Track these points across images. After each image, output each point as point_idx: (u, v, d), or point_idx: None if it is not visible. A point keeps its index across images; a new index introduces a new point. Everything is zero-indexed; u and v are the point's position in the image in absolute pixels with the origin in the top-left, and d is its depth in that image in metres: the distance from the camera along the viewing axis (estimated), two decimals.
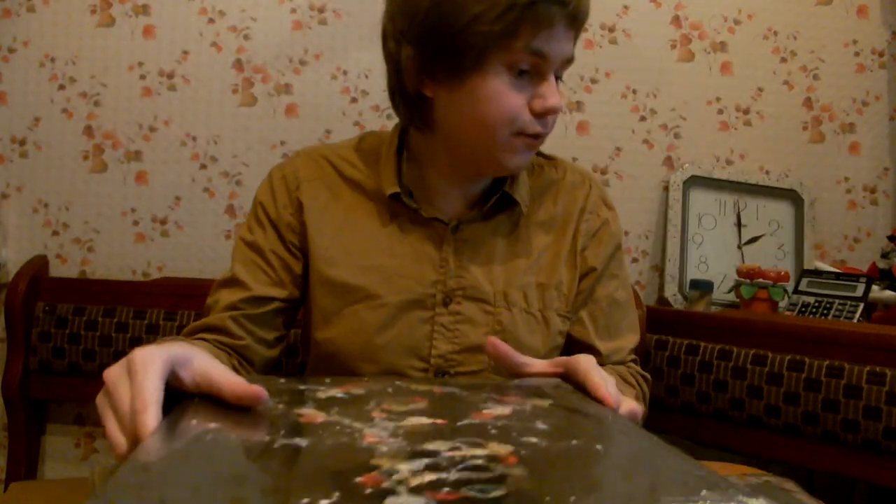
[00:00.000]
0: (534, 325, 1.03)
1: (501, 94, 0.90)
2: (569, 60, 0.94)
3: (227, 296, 1.03)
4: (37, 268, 1.72)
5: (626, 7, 1.90)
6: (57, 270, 1.80)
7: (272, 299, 1.03)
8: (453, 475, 0.44)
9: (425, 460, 0.47)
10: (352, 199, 1.04)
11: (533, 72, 0.91)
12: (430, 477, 0.44)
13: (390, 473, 0.44)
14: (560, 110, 0.93)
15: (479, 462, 0.47)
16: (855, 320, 1.54)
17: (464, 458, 0.48)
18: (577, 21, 0.91)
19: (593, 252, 1.07)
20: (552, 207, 1.07)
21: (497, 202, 1.02)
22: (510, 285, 1.02)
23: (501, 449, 0.50)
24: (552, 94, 0.91)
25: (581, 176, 1.11)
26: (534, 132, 0.93)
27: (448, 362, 1.00)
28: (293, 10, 1.84)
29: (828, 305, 1.59)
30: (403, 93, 0.97)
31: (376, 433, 0.53)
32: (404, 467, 0.45)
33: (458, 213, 1.03)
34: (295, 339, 1.70)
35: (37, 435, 1.77)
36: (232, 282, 1.04)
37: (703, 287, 1.76)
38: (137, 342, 1.66)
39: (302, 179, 1.06)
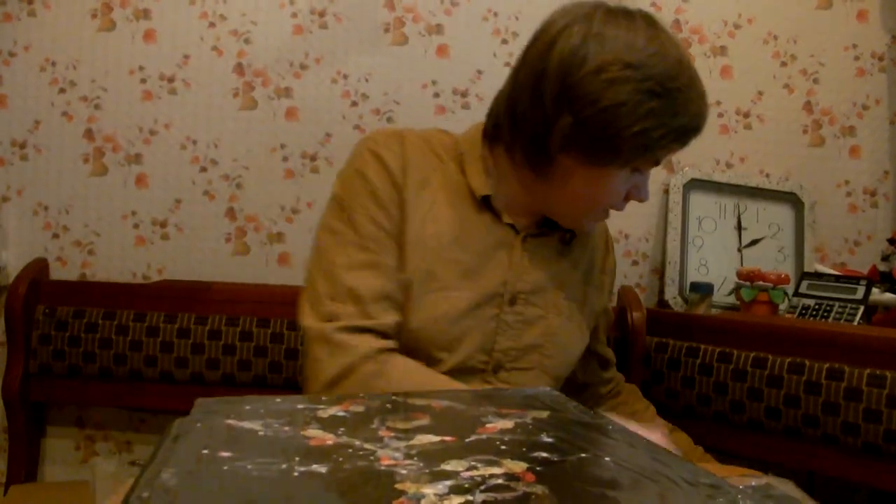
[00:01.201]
0: (575, 334, 1.15)
1: (617, 186, 1.03)
2: None
3: (372, 280, 1.00)
4: (37, 271, 1.73)
5: None
6: (57, 273, 1.80)
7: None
8: (479, 497, 0.45)
9: (448, 482, 0.48)
10: (439, 189, 1.07)
11: (642, 170, 1.05)
12: (457, 500, 0.45)
13: (418, 498, 0.45)
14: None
15: (500, 481, 0.48)
16: (855, 323, 1.54)
17: (483, 478, 0.48)
18: None
19: (610, 280, 1.26)
20: (587, 237, 1.20)
21: (552, 222, 1.12)
22: (559, 296, 1.12)
23: (516, 466, 0.51)
24: (646, 190, 1.07)
25: None
26: (615, 209, 1.08)
27: (507, 357, 1.07)
28: (294, 15, 1.84)
29: (828, 308, 1.59)
30: (535, 142, 1.02)
31: (390, 454, 0.53)
32: (429, 491, 0.46)
33: (524, 223, 1.11)
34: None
35: (37, 437, 1.77)
36: (373, 265, 1.01)
37: (703, 290, 1.76)
38: (138, 345, 1.66)
39: (409, 158, 1.06)
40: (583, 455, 0.55)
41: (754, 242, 1.93)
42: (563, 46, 0.98)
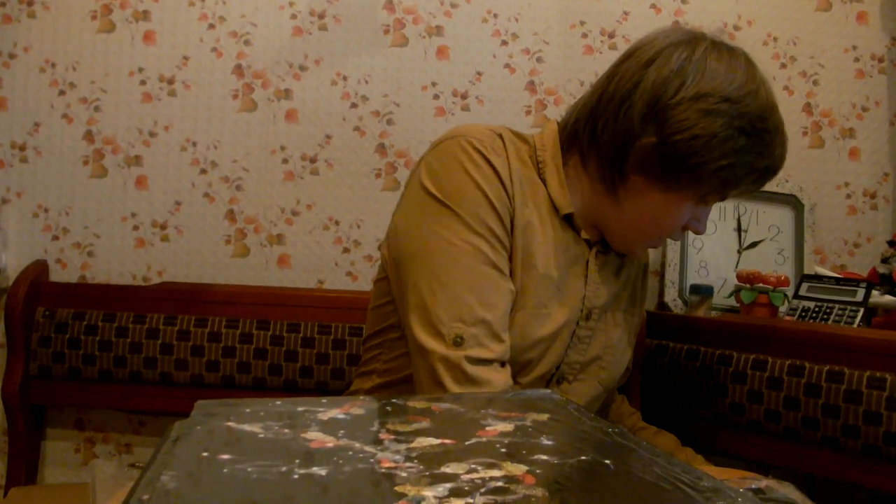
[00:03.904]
0: (627, 347, 1.17)
1: (683, 215, 1.03)
2: None
3: (497, 301, 0.95)
4: (37, 272, 1.72)
5: (626, 13, 1.90)
6: (57, 275, 1.80)
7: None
8: (479, 500, 0.45)
9: (448, 485, 0.48)
10: (530, 200, 1.04)
11: (707, 203, 1.04)
12: (457, 503, 0.45)
13: (418, 501, 0.45)
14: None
15: (500, 484, 0.48)
16: (855, 325, 1.54)
17: (483, 481, 0.48)
18: None
19: (645, 294, 1.28)
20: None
21: None
22: (618, 309, 1.13)
23: (516, 469, 0.51)
24: (705, 224, 1.07)
25: None
26: (672, 239, 1.10)
27: (571, 369, 1.08)
28: (293, 16, 1.84)
29: (828, 310, 1.59)
30: (612, 157, 1.01)
31: (390, 457, 0.53)
32: (429, 493, 0.46)
33: (593, 238, 1.11)
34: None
35: (37, 440, 1.77)
36: (494, 283, 0.96)
37: (703, 292, 1.76)
38: (138, 347, 1.66)
39: (512, 166, 1.01)
40: (583, 458, 0.55)
41: (754, 244, 1.93)
42: (662, 67, 0.97)
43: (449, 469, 0.50)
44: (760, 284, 1.71)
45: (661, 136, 0.96)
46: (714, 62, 0.97)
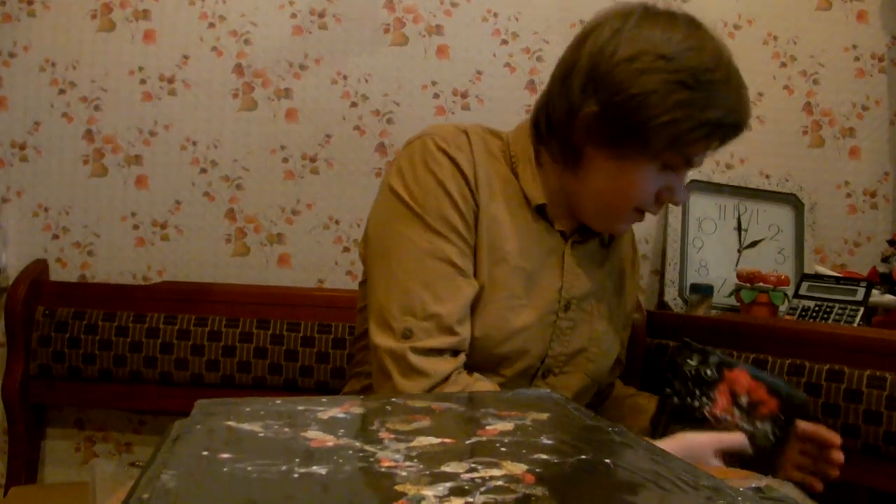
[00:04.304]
0: (615, 338, 1.16)
1: (645, 182, 1.01)
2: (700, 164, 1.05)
3: (450, 295, 0.97)
4: (37, 272, 1.72)
5: None
6: (57, 274, 1.80)
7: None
8: (479, 499, 0.45)
9: (448, 484, 0.48)
10: (499, 194, 1.05)
11: (675, 169, 1.01)
12: (457, 502, 0.45)
13: (418, 500, 0.45)
14: (680, 204, 1.06)
15: (500, 483, 0.48)
16: (855, 324, 1.54)
17: (483, 480, 0.48)
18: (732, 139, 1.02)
19: (637, 284, 1.26)
20: (620, 240, 1.20)
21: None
22: (602, 299, 1.13)
23: (516, 468, 0.51)
24: (681, 192, 1.05)
25: None
26: (651, 210, 1.06)
27: (556, 362, 1.08)
28: (293, 15, 1.84)
29: (828, 309, 1.59)
30: (562, 132, 1.02)
31: (390, 456, 0.53)
32: (429, 493, 0.46)
33: (569, 229, 1.11)
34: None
35: (37, 439, 1.77)
36: (449, 278, 0.97)
37: (703, 291, 1.76)
38: (137, 346, 1.66)
39: (477, 160, 1.03)
40: (583, 457, 0.55)
41: (754, 244, 1.93)
42: (597, 38, 0.99)
43: (449, 468, 0.50)
44: (760, 284, 1.71)
45: (601, 102, 0.97)
46: (648, 26, 0.97)
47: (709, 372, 0.94)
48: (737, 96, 0.98)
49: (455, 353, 0.97)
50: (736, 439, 0.99)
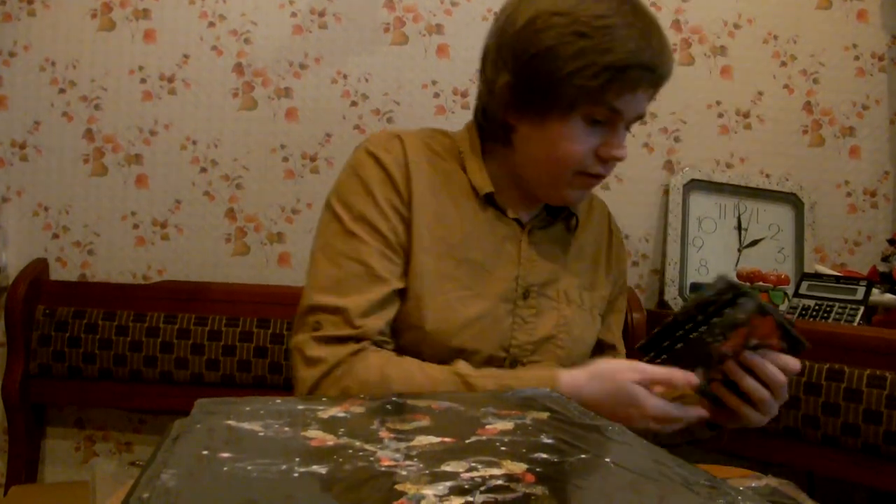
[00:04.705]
0: (587, 321, 1.14)
1: (575, 139, 0.99)
2: (640, 116, 1.03)
3: (359, 289, 0.98)
4: (37, 271, 1.73)
5: None
6: (57, 274, 1.80)
7: (402, 291, 1.02)
8: (479, 498, 0.45)
9: (448, 483, 0.48)
10: (442, 189, 1.07)
11: (606, 123, 1.00)
12: (457, 501, 0.45)
13: (418, 499, 0.45)
14: (622, 159, 1.02)
15: (500, 482, 0.48)
16: (855, 324, 1.54)
17: (483, 479, 0.48)
18: (659, 84, 1.01)
19: (618, 267, 1.21)
20: (589, 222, 1.18)
21: (555, 211, 1.12)
22: (570, 285, 1.12)
23: (516, 467, 0.51)
24: (620, 145, 1.01)
25: (601, 201, 1.24)
26: (595, 173, 1.03)
27: (523, 351, 1.07)
28: (293, 15, 1.84)
29: (828, 309, 1.59)
30: (490, 113, 1.06)
31: (390, 455, 0.53)
32: (429, 492, 0.46)
33: (528, 217, 1.11)
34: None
35: (37, 438, 1.77)
36: (361, 276, 0.99)
37: (703, 290, 1.76)
38: (138, 345, 1.66)
39: (410, 159, 1.05)
40: (582, 456, 0.55)
41: (754, 243, 1.93)
42: (498, 19, 1.06)
43: (449, 467, 0.50)
44: (761, 283, 1.72)
45: (511, 71, 1.00)
46: None
47: (741, 316, 0.91)
48: (641, 38, 0.97)
49: (358, 340, 0.98)
50: (678, 376, 0.93)
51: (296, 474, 0.50)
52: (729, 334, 0.92)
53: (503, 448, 0.55)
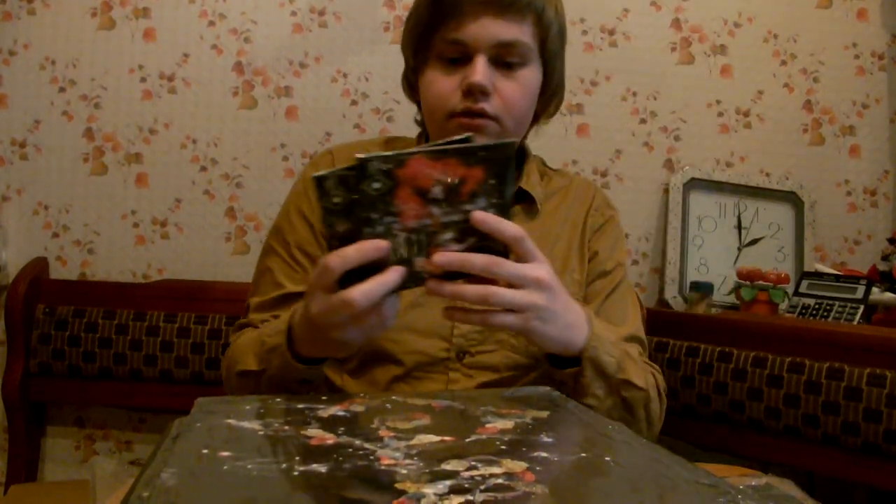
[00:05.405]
0: None
1: (434, 82, 1.04)
2: (504, 44, 1.00)
3: (265, 296, 1.08)
4: (37, 270, 1.72)
5: (626, 10, 1.90)
6: (57, 272, 1.80)
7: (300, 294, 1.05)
8: (479, 497, 0.45)
9: (448, 482, 0.48)
10: None
11: (463, 59, 1.01)
12: (457, 500, 0.45)
13: (418, 498, 0.45)
14: (481, 86, 0.99)
15: (500, 481, 0.48)
16: (855, 322, 1.54)
17: (483, 478, 0.48)
18: (494, 6, 0.99)
19: (600, 243, 1.14)
20: (562, 206, 1.15)
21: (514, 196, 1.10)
22: None
23: (516, 466, 0.51)
24: (473, 73, 0.99)
25: (587, 182, 1.22)
26: (462, 108, 1.01)
27: (469, 341, 1.03)
28: (293, 13, 1.84)
29: (828, 307, 1.59)
30: (409, 87, 1.16)
31: (390, 454, 0.53)
32: (429, 491, 0.46)
33: None
34: None
35: (37, 437, 1.77)
36: (271, 281, 1.09)
37: (703, 289, 1.76)
38: (137, 344, 1.66)
39: (336, 166, 1.08)
40: (582, 455, 0.55)
41: (754, 242, 1.93)
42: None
43: (449, 466, 0.51)
44: (760, 282, 1.72)
45: (406, 42, 1.12)
46: None
47: (376, 185, 0.70)
48: None
49: (249, 327, 1.07)
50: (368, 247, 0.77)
51: (296, 473, 0.50)
52: (392, 208, 0.73)
53: (503, 447, 0.55)
